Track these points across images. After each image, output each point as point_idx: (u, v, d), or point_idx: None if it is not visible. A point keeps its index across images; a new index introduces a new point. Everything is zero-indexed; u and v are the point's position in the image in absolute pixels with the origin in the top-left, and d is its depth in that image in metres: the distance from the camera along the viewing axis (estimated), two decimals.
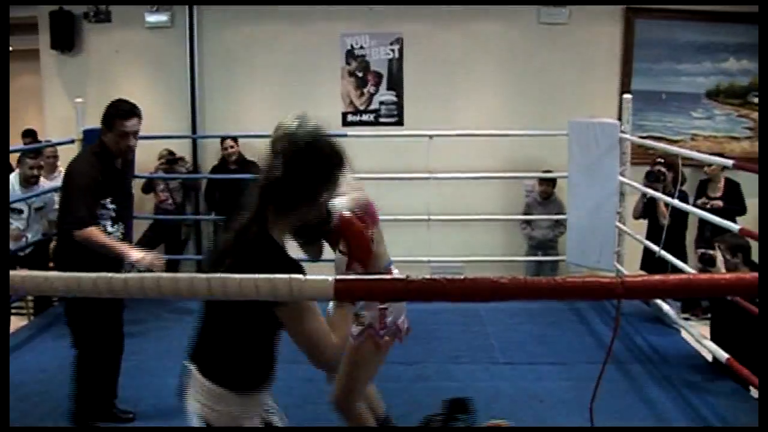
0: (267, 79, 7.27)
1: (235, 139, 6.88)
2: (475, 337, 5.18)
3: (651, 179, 5.81)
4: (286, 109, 7.40)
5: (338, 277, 1.46)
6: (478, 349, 4.95)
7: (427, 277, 1.42)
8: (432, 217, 6.26)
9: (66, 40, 7.46)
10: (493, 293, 1.42)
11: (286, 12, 7.14)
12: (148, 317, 5.53)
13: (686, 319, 6.37)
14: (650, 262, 5.66)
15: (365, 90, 7.20)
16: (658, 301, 5.25)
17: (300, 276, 1.48)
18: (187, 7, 7.25)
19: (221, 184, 6.95)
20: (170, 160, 6.93)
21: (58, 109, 7.34)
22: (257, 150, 7.07)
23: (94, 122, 6.51)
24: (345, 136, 6.52)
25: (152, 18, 7.35)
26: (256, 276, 1.49)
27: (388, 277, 1.52)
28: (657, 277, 1.47)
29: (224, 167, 6.91)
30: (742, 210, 6.26)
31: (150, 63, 7.52)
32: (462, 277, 1.42)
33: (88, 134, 6.21)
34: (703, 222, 5.41)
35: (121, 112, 3.79)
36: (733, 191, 6.31)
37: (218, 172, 6.99)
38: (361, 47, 7.16)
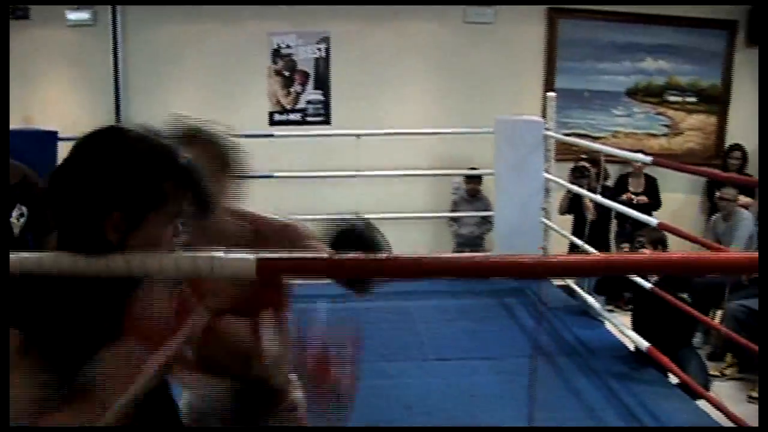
0: (194, 79, 7.16)
1: None
2: (406, 334, 5.22)
3: (576, 175, 5.96)
4: (214, 109, 7.34)
5: (261, 255, 1.39)
6: (409, 347, 4.98)
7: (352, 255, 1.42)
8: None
9: None
10: (417, 271, 1.42)
11: (213, 11, 7.05)
12: None
13: (610, 311, 6.56)
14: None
15: (292, 89, 7.17)
16: (584, 295, 5.40)
17: (221, 254, 1.39)
18: (110, 6, 7.07)
19: None
20: None
21: None
22: None
23: (13, 123, 6.36)
24: (272, 136, 6.54)
25: (74, 15, 7.14)
26: (177, 255, 1.44)
27: (313, 255, 1.48)
28: (575, 256, 1.52)
29: None
30: (658, 204, 6.49)
31: (72, 62, 7.31)
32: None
33: None
34: (623, 217, 5.57)
35: None
36: (652, 187, 6.52)
37: None
38: (288, 46, 7.12)
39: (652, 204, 6.44)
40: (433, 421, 3.87)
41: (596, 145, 5.98)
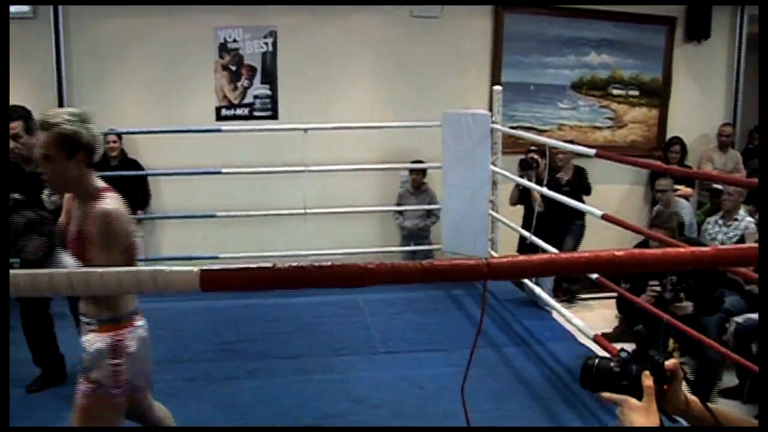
0: (140, 74, 7.01)
1: (119, 135, 6.62)
2: (355, 328, 5.24)
3: (524, 167, 6.03)
4: (160, 104, 7.25)
5: (204, 267, 1.44)
6: (359, 340, 5.00)
7: (295, 264, 1.43)
8: (309, 211, 6.22)
9: None
10: (359, 278, 1.44)
11: (159, 5, 6.92)
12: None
13: (564, 301, 6.69)
14: (524, 247, 5.87)
15: (239, 84, 7.09)
16: (532, 285, 5.47)
17: (164, 268, 1.45)
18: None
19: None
20: None
21: None
22: (138, 147, 6.90)
23: None
24: (219, 131, 6.48)
25: (13, 8, 6.92)
26: (119, 269, 1.48)
27: (255, 265, 1.48)
28: (521, 257, 1.54)
29: (106, 164, 6.58)
30: (589, 190, 6.64)
31: (13, 56, 7.10)
32: (329, 263, 1.43)
33: None
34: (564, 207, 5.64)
35: None
36: (579, 175, 6.66)
37: (99, 170, 6.64)
38: (235, 40, 7.04)
39: (583, 189, 6.57)
40: (380, 414, 3.89)
41: (542, 138, 6.06)
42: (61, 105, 6.92)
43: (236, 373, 4.40)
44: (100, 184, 2.63)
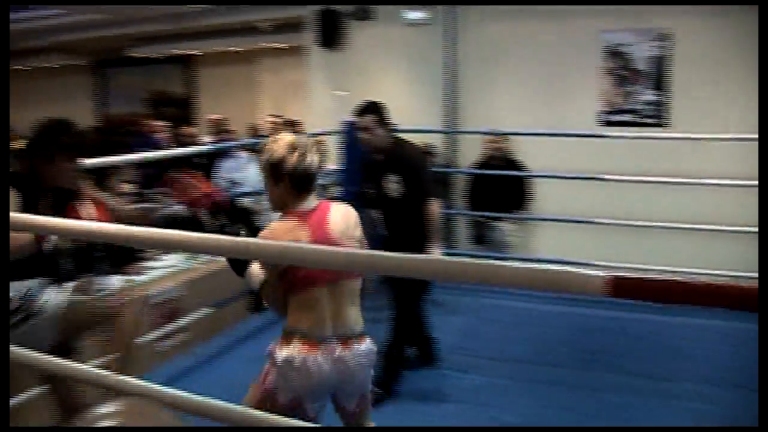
0: (521, 76, 7.17)
1: (501, 136, 6.81)
2: (732, 357, 4.66)
3: None
4: (542, 107, 7.28)
5: (616, 274, 1.41)
6: (732, 370, 4.43)
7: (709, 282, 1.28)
8: (695, 226, 5.75)
9: (331, 37, 7.87)
10: None
11: (544, 9, 6.98)
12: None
13: None
14: None
15: (625, 89, 6.83)
16: None
17: (568, 269, 1.46)
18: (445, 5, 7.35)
19: (482, 180, 6.89)
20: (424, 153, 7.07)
21: (321, 102, 7.77)
22: (518, 148, 7.05)
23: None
24: (602, 136, 6.25)
25: (412, 15, 7.54)
26: (530, 267, 1.52)
27: (666, 278, 1.38)
28: None
29: (487, 163, 6.85)
30: None
31: (408, 59, 7.72)
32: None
33: (347, 126, 6.54)
34: None
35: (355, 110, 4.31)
36: None
37: (482, 168, 6.88)
38: (622, 44, 6.80)
39: None
40: None
41: None
42: (450, 104, 7.32)
43: (596, 385, 4.23)
44: (305, 207, 2.59)
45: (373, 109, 4.23)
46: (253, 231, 3.44)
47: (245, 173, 7.43)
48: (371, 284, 3.47)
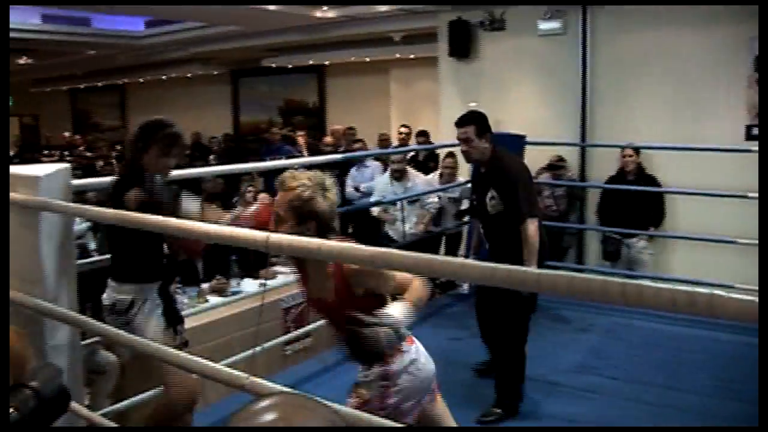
0: (660, 86, 6.82)
1: (636, 150, 6.57)
2: None
3: None
4: (681, 120, 6.93)
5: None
6: None
7: None
8: None
9: (463, 47, 7.84)
10: None
11: (686, 14, 6.63)
12: None
13: None
14: None
15: None
16: None
17: (721, 293, 1.37)
18: (580, 13, 7.15)
19: (615, 195, 6.68)
20: (551, 166, 6.89)
21: (453, 113, 7.70)
22: (654, 162, 6.75)
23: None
24: (747, 151, 5.87)
25: (545, 25, 7.39)
26: (674, 289, 1.45)
27: None
28: None
29: (622, 178, 6.62)
30: None
31: (541, 70, 7.57)
32: None
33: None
34: None
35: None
36: None
37: (615, 182, 6.69)
38: None
39: None
40: None
41: None
42: (583, 117, 7.13)
43: (726, 414, 3.98)
44: None
45: (472, 119, 4.12)
46: (373, 239, 3.50)
47: (373, 183, 7.51)
48: None
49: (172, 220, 2.56)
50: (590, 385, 4.45)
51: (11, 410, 1.27)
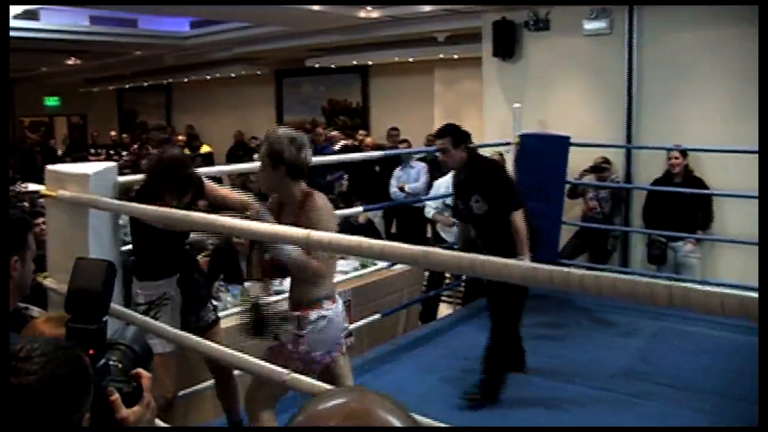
0: (711, 88, 6.66)
1: (683, 152, 6.45)
2: None
3: None
4: (730, 121, 6.79)
5: None
6: None
7: None
8: None
9: (507, 47, 7.79)
10: None
11: (741, 13, 6.48)
12: (569, 323, 5.59)
13: None
14: None
15: None
16: None
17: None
18: (626, 13, 7.03)
19: (661, 197, 6.56)
20: (595, 168, 6.81)
21: (497, 113, 7.68)
22: (703, 165, 6.62)
23: (530, 127, 6.74)
24: None
25: (590, 25, 7.28)
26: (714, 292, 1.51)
27: None
28: None
29: (668, 180, 6.51)
30: None
31: (586, 70, 7.47)
32: None
33: (524, 138, 6.43)
34: None
35: None
36: None
37: (662, 184, 6.55)
38: None
39: None
40: None
41: None
42: (629, 119, 7.02)
43: None
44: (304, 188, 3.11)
45: (448, 132, 4.44)
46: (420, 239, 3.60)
47: (417, 184, 7.49)
48: None
49: (226, 219, 2.72)
50: (638, 390, 4.38)
51: (115, 362, 1.40)
